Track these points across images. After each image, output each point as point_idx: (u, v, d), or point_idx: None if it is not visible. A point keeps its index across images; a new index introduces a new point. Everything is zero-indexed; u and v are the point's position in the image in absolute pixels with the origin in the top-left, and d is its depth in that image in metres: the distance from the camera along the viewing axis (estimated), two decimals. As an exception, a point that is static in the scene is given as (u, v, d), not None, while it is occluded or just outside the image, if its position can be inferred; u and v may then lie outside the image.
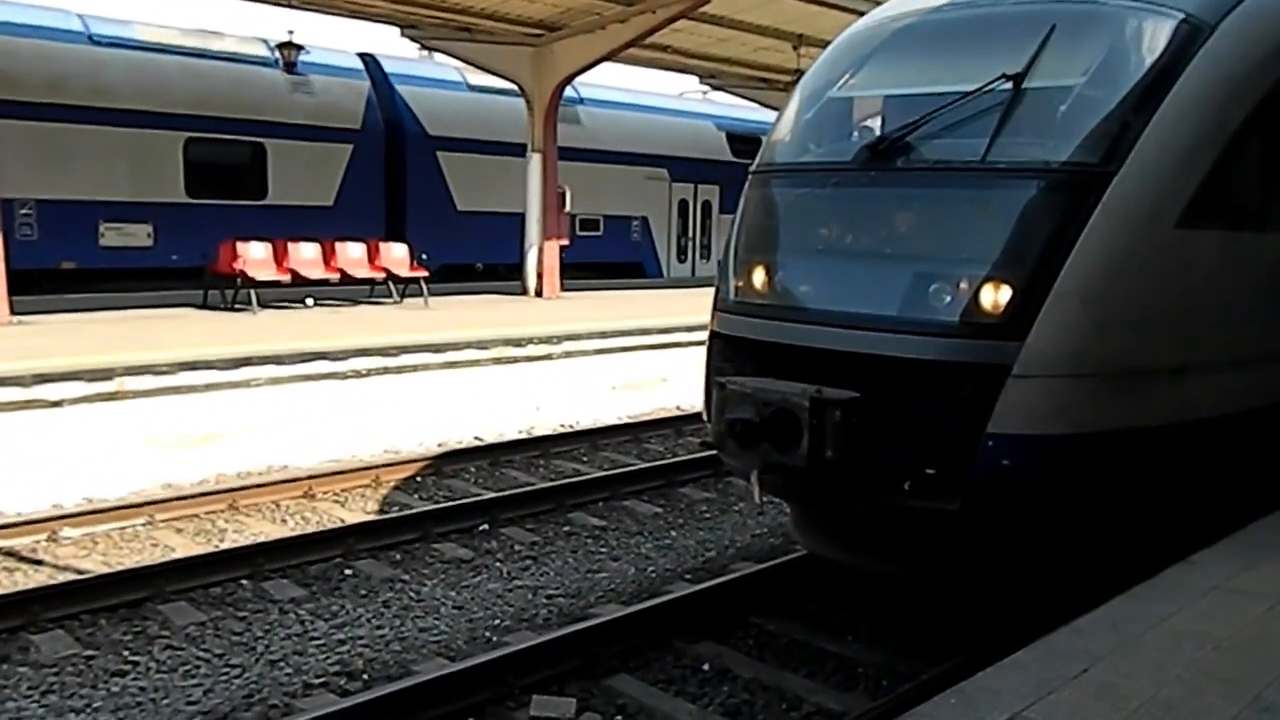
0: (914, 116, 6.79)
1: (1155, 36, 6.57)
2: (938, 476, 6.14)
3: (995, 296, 6.09)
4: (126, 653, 7.45)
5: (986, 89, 6.59)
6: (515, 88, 22.84)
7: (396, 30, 21.73)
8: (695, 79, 29.69)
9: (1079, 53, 6.68)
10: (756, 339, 7.12)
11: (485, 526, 10.28)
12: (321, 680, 7.03)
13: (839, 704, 6.65)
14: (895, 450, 6.26)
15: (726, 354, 7.37)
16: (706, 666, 7.25)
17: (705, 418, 7.42)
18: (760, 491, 6.68)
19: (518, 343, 15.41)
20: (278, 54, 23.78)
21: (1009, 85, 6.57)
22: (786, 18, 22.27)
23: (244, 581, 8.71)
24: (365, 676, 7.10)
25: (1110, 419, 6.19)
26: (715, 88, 30.54)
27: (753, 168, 7.90)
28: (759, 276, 7.29)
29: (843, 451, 6.23)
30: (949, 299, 6.27)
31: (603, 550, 9.83)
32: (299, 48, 23.75)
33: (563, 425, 15.35)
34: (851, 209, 7.12)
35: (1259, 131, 6.65)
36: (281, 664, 7.28)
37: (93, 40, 21.50)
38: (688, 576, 9.08)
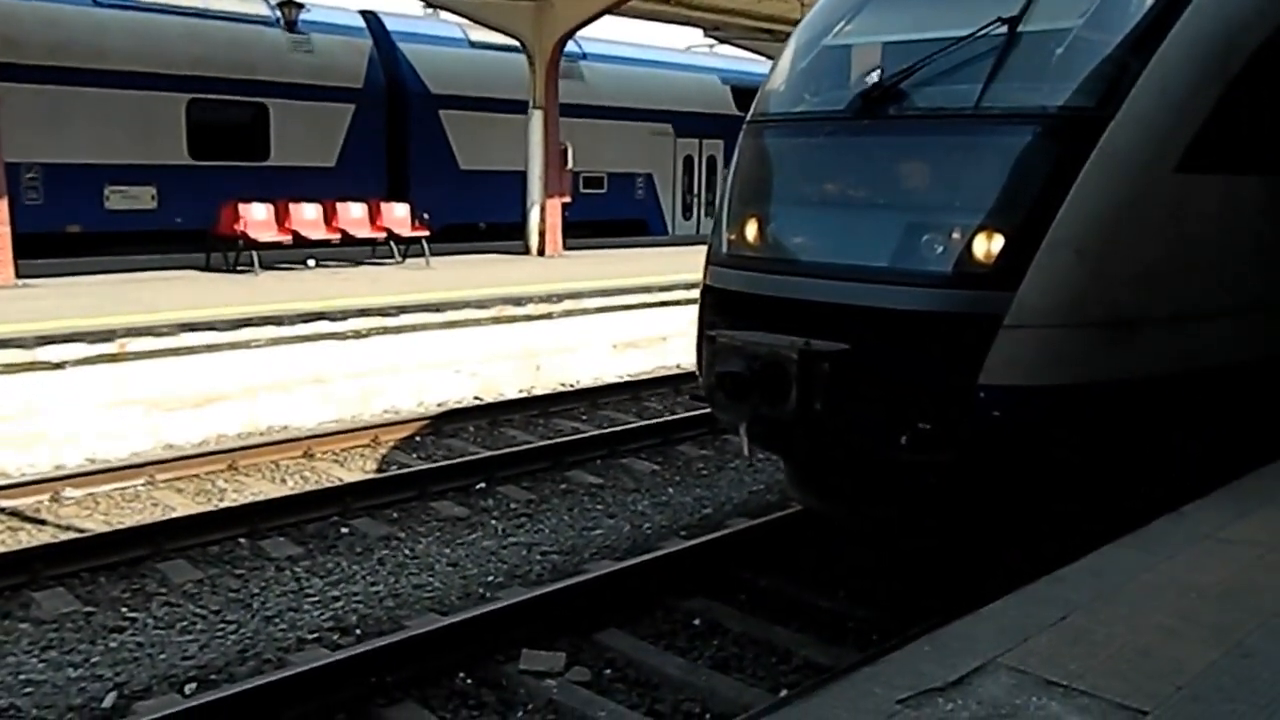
0: (908, 63, 6.72)
1: None
2: (929, 429, 6.11)
3: (988, 246, 6.04)
4: (125, 609, 7.55)
5: (980, 34, 6.52)
6: (517, 44, 22.71)
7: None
8: (700, 32, 29.52)
9: None
10: (748, 292, 7.11)
11: (482, 485, 10.33)
12: (315, 635, 7.12)
13: (827, 657, 6.68)
14: (885, 403, 6.24)
15: (719, 307, 7.35)
16: (697, 621, 7.31)
17: (698, 372, 7.43)
18: (749, 444, 6.73)
19: (518, 301, 15.40)
20: (278, 13, 23.67)
21: (1004, 29, 6.49)
22: (790, -34, 22.07)
23: (242, 540, 8.79)
24: (358, 631, 7.18)
25: (1106, 370, 6.16)
26: (719, 40, 30.37)
27: (747, 118, 7.86)
28: (751, 229, 7.27)
29: (831, 404, 6.22)
30: (940, 249, 6.24)
31: (599, 508, 9.88)
32: (299, 6, 23.61)
33: (563, 384, 15.40)
34: (843, 159, 7.09)
35: (1262, 72, 6.55)
36: (276, 620, 7.37)
37: (96, 3, 21.42)
38: (683, 533, 9.11)
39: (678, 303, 16.88)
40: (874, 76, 7.07)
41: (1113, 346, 6.19)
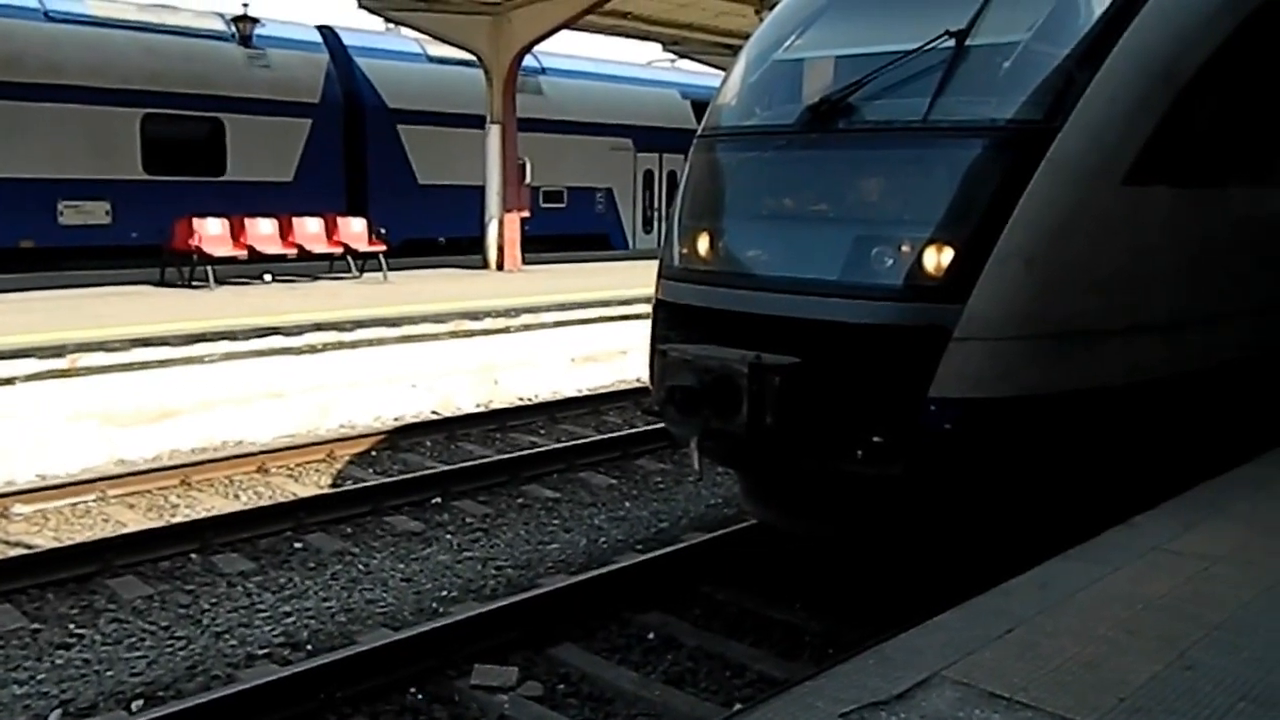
0: (858, 77, 6.75)
1: None
2: (880, 442, 6.12)
3: (938, 259, 6.07)
4: (73, 625, 7.46)
5: (928, 47, 6.54)
6: (475, 59, 22.68)
7: (354, 1, 21.65)
8: (658, 47, 29.58)
9: (1025, 6, 6.63)
10: (700, 305, 7.12)
11: (438, 499, 10.27)
12: (265, 651, 7.04)
13: (782, 671, 6.64)
14: (836, 416, 6.25)
15: (671, 321, 7.36)
16: (652, 635, 7.27)
17: (650, 386, 7.42)
18: (699, 458, 6.72)
19: (475, 316, 15.35)
20: (233, 28, 23.57)
21: (952, 43, 6.52)
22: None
23: (193, 555, 8.70)
24: (309, 647, 7.11)
25: (1055, 381, 6.19)
26: (679, 55, 30.42)
27: (698, 132, 7.87)
28: (702, 242, 7.28)
29: (782, 418, 6.22)
30: (890, 262, 6.26)
31: (555, 522, 9.83)
32: (254, 21, 23.54)
33: (521, 398, 15.33)
34: (793, 172, 7.12)
35: (1209, 85, 6.61)
36: (226, 636, 7.29)
37: (48, 16, 21.28)
38: (639, 547, 9.08)
39: (637, 316, 16.83)
40: (825, 90, 7.09)
41: (1063, 358, 6.22)
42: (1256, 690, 3.88)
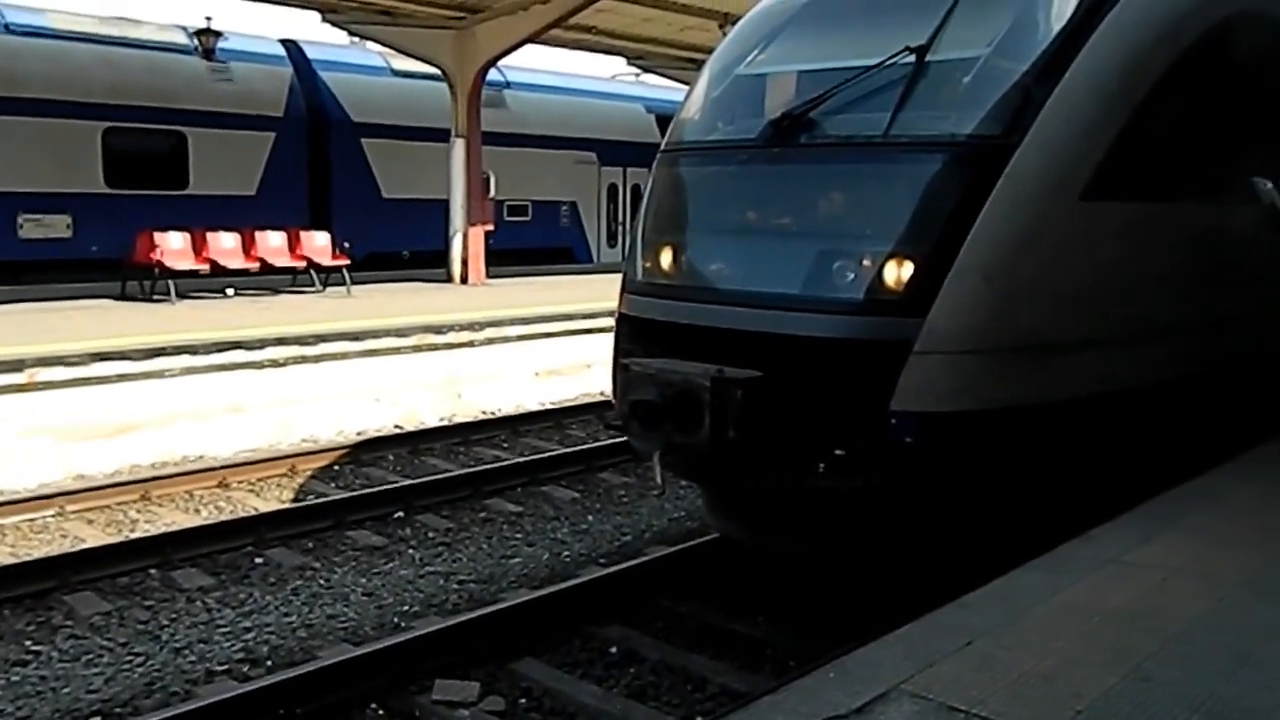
0: (820, 92, 6.79)
1: (1061, 5, 6.59)
2: (842, 456, 6.15)
3: (898, 273, 6.10)
4: (29, 642, 7.40)
5: (889, 63, 6.59)
6: (440, 72, 22.67)
7: (317, 15, 21.60)
8: (623, 61, 29.64)
9: (984, 23, 6.68)
10: (662, 320, 7.12)
11: (400, 514, 10.24)
12: (225, 667, 7.00)
13: (744, 684, 6.64)
14: (798, 430, 6.26)
15: (634, 335, 7.36)
16: (614, 649, 7.27)
17: (614, 400, 7.43)
18: (661, 472, 6.71)
19: (438, 330, 15.33)
20: (196, 41, 23.45)
21: (912, 58, 6.57)
22: (711, -4, 22.18)
23: (152, 571, 8.65)
24: (269, 663, 7.07)
25: (1016, 395, 6.22)
26: (643, 69, 30.46)
27: (661, 146, 7.89)
28: (665, 257, 7.29)
29: (744, 432, 6.23)
30: (851, 276, 6.29)
31: (518, 536, 9.81)
32: (217, 34, 23.41)
33: (484, 412, 15.28)
34: (756, 187, 7.16)
35: (1165, 101, 6.68)
36: (185, 652, 7.24)
37: (8, 29, 21.14)
38: (602, 561, 9.08)
39: (601, 330, 16.83)
40: (787, 105, 7.12)
41: (1022, 372, 6.25)
42: (1210, 702, 3.90)
